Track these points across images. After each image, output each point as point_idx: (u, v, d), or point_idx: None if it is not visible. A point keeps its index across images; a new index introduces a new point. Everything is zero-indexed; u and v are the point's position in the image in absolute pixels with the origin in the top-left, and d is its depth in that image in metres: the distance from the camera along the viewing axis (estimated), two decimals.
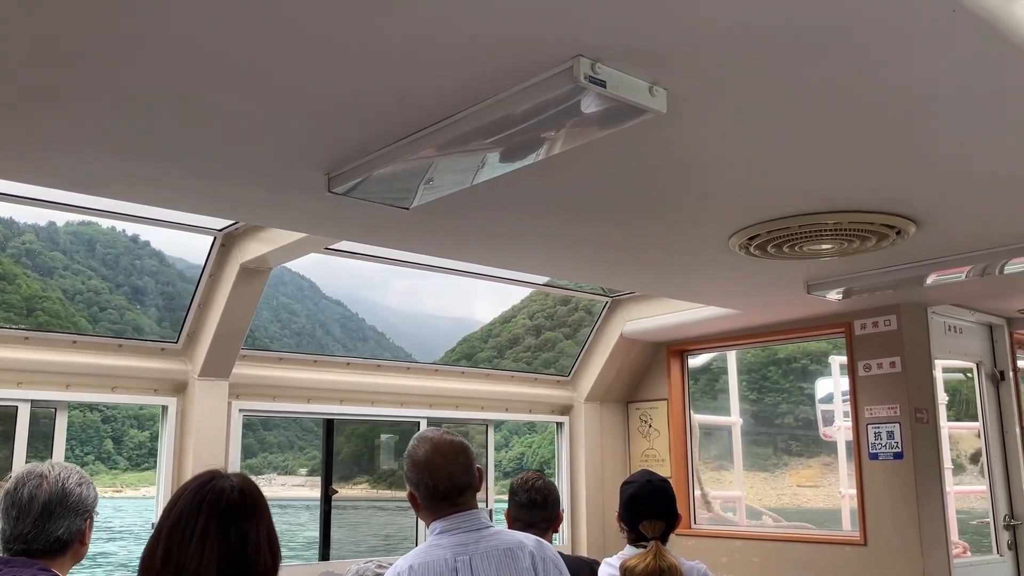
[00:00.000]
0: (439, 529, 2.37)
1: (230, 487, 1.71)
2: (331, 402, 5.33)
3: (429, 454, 2.40)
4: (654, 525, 2.97)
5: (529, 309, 23.04)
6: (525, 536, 2.45)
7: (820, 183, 3.06)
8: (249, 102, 2.30)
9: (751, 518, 7.11)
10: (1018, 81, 2.19)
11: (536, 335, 22.33)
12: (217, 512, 1.67)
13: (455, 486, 2.38)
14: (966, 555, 5.60)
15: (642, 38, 1.95)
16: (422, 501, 2.40)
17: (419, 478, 2.39)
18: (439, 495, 2.37)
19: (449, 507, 2.37)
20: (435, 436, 2.45)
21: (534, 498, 3.37)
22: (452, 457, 2.40)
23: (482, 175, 2.74)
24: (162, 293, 17.83)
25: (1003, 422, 5.84)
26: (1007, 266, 3.99)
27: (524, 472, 3.56)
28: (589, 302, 22.62)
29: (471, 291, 40.56)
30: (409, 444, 2.48)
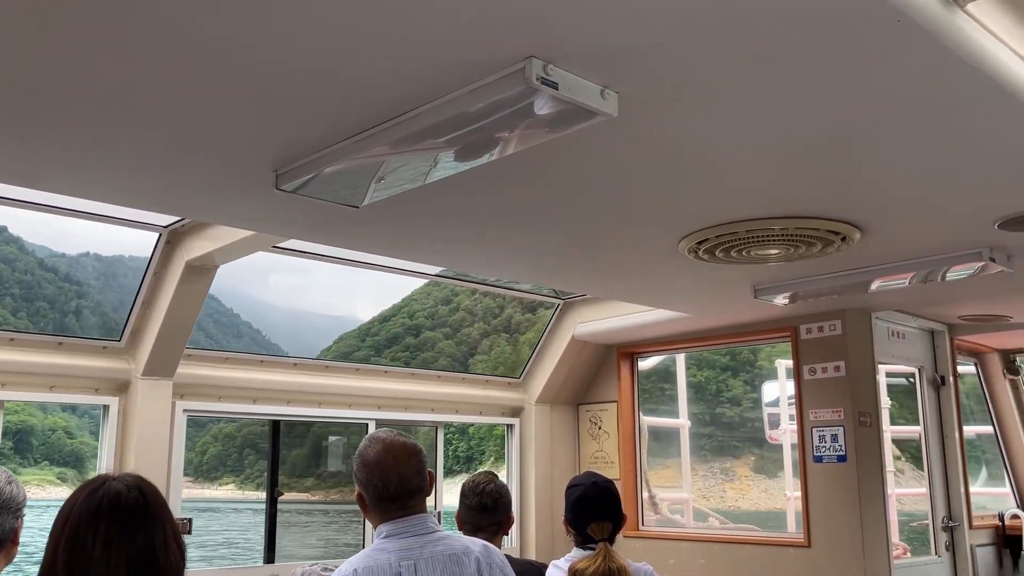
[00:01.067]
0: (385, 532, 2.34)
1: (126, 488, 1.64)
2: (278, 403, 5.26)
3: (380, 455, 2.36)
4: (602, 527, 2.97)
5: (409, 308, 23.04)
6: (472, 541, 2.44)
7: (767, 189, 3.10)
8: (196, 97, 2.26)
9: (697, 520, 7.17)
10: (960, 91, 2.23)
11: (416, 335, 22.31)
12: (119, 515, 1.60)
13: (405, 488, 2.35)
14: (906, 556, 5.72)
15: (594, 41, 1.95)
16: (370, 502, 2.37)
17: (368, 478, 2.36)
18: (388, 496, 2.34)
19: (397, 510, 2.34)
20: (387, 437, 2.42)
21: (484, 502, 3.33)
22: (404, 459, 2.37)
23: (434, 174, 2.72)
24: (19, 282, 17.25)
25: (943, 426, 5.97)
26: (948, 273, 4.08)
27: (476, 474, 3.52)
28: (472, 303, 22.52)
29: (354, 289, 40.31)
30: (360, 444, 2.44)
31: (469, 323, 24.24)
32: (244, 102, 2.29)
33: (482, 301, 25.09)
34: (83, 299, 16.36)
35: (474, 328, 23.97)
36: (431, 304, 21.98)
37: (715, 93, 2.25)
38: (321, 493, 21.52)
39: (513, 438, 6.58)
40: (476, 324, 23.71)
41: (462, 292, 24.27)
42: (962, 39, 1.98)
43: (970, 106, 2.33)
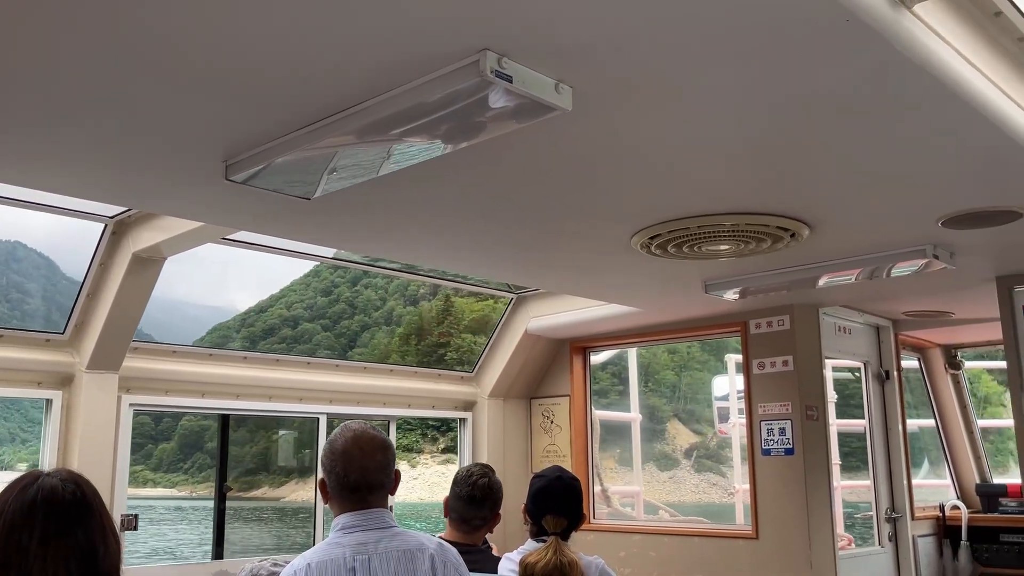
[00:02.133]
0: (341, 525, 2.32)
1: (61, 484, 1.61)
2: (227, 397, 5.19)
3: (348, 444, 2.34)
4: (557, 521, 2.98)
5: (287, 299, 22.99)
6: (427, 538, 2.42)
7: (719, 185, 3.13)
8: (144, 84, 2.21)
9: (648, 513, 7.24)
10: (907, 91, 2.28)
11: (293, 326, 22.28)
12: (55, 511, 1.58)
13: (365, 481, 2.33)
14: (850, 547, 5.84)
15: (548, 35, 1.96)
16: (331, 490, 2.35)
17: (332, 466, 2.33)
18: (347, 487, 2.32)
19: (356, 502, 2.32)
20: (358, 428, 2.40)
21: (474, 494, 3.30)
22: (370, 452, 2.35)
23: (387, 166, 2.70)
24: None
25: (887, 420, 6.10)
26: (894, 270, 4.16)
27: (472, 464, 3.49)
28: (352, 294, 22.30)
29: (232, 279, 39.83)
30: (333, 431, 2.43)
31: (349, 315, 24.24)
32: (194, 91, 2.25)
33: (363, 293, 25.11)
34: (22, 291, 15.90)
35: (354, 320, 23.99)
36: (310, 295, 21.87)
37: (668, 90, 2.27)
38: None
39: (466, 432, 6.57)
40: (356, 316, 23.78)
41: (342, 283, 24.22)
42: (909, 40, 2.02)
43: (916, 106, 2.38)
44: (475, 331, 24.11)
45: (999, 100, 2.45)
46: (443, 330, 24.17)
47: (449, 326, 24.49)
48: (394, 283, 24.15)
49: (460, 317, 24.80)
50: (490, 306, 30.59)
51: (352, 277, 25.01)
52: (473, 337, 23.64)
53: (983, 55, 2.37)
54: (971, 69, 2.29)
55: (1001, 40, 2.45)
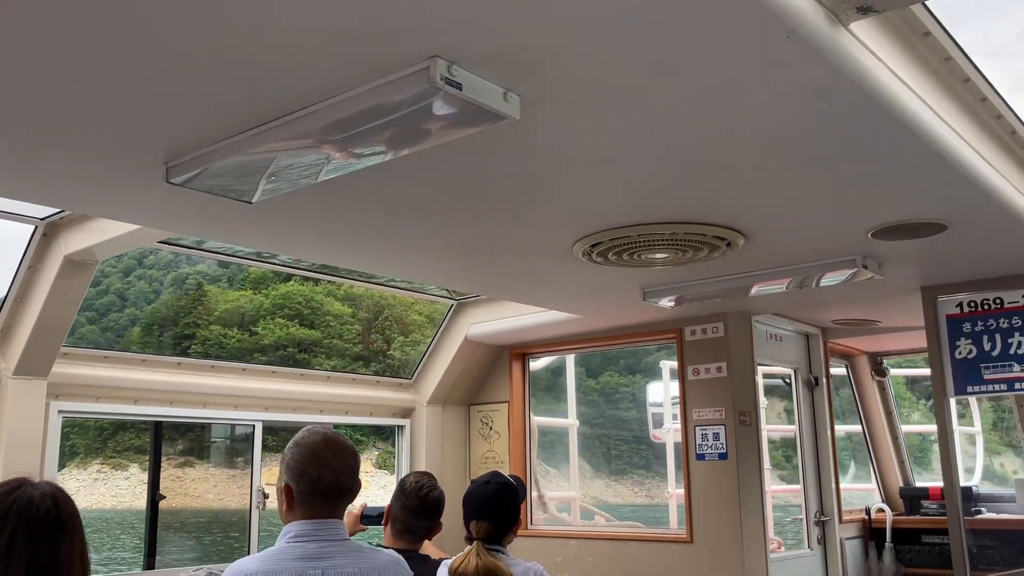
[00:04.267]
0: (294, 533, 2.24)
1: (40, 496, 1.58)
2: (160, 404, 5.08)
3: (320, 446, 2.29)
4: (479, 526, 2.98)
5: None
6: (387, 558, 2.37)
7: (659, 195, 3.19)
8: (81, 83, 2.17)
9: (584, 518, 7.30)
10: (840, 105, 2.36)
11: None
12: (26, 523, 1.55)
13: (338, 485, 2.28)
14: (780, 550, 5.97)
15: (497, 43, 1.98)
16: (299, 495, 2.26)
17: (304, 469, 2.26)
18: (320, 491, 2.25)
19: (323, 508, 2.26)
20: (328, 431, 2.35)
21: (425, 507, 3.29)
22: (342, 456, 2.31)
23: (328, 172, 2.69)
24: None
25: (816, 425, 6.27)
26: (824, 279, 4.28)
27: (418, 474, 3.47)
28: (124, 286, 22.08)
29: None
30: (296, 436, 2.35)
31: (119, 308, 23.92)
32: (134, 91, 2.21)
33: (136, 285, 24.72)
34: None
35: (124, 314, 23.64)
36: None
37: (611, 101, 2.31)
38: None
39: (404, 439, 6.54)
40: (127, 309, 23.47)
41: (113, 274, 23.86)
42: (845, 56, 2.10)
43: (849, 120, 2.47)
44: (227, 323, 23.89)
45: (927, 116, 2.55)
46: (191, 320, 23.88)
47: (198, 317, 24.23)
48: (170, 275, 23.69)
49: (212, 308, 24.51)
50: (247, 296, 28.76)
51: (125, 267, 24.58)
52: (223, 329, 23.44)
53: (912, 73, 2.47)
54: (901, 86, 2.39)
55: (929, 59, 2.56)
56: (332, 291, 25.51)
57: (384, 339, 25.59)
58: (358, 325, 25.82)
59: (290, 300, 25.37)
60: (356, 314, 25.87)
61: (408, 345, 25.42)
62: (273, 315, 25.19)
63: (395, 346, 25.45)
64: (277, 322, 25.01)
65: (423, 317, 26.20)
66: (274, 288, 25.64)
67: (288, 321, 25.08)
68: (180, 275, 24.76)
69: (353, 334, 25.56)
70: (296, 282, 25.16)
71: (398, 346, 25.36)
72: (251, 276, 25.14)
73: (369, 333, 25.72)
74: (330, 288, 25.23)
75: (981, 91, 2.83)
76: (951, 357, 4.61)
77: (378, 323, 25.89)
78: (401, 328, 25.84)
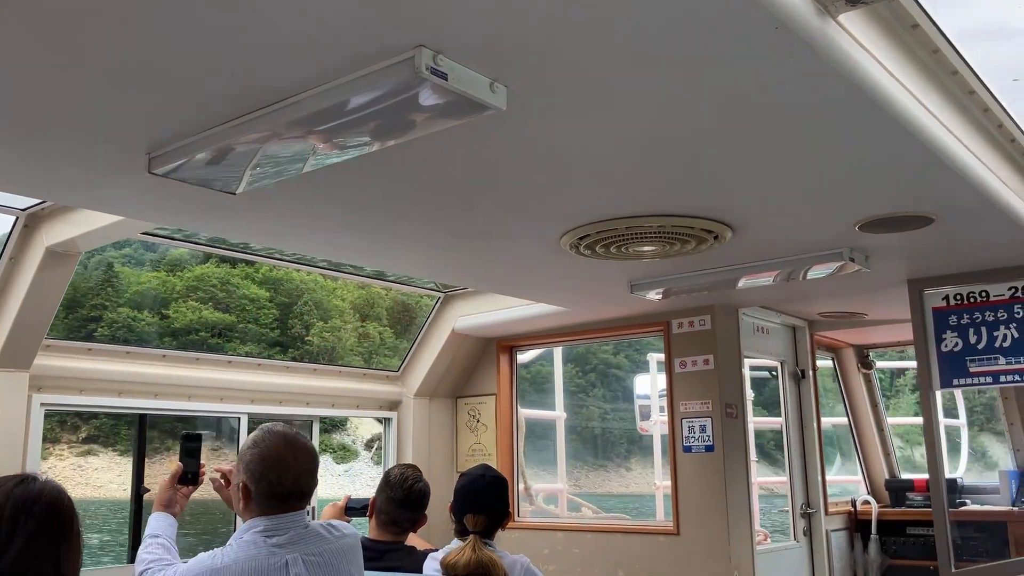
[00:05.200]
0: (261, 527, 2.25)
1: (39, 492, 1.59)
2: (145, 396, 5.05)
3: (281, 450, 2.29)
4: (476, 519, 2.98)
5: None
6: (349, 538, 2.42)
7: (646, 188, 3.18)
8: (63, 71, 2.13)
9: (571, 510, 7.31)
10: (828, 98, 2.35)
11: None
12: (27, 518, 1.55)
13: (298, 489, 2.29)
14: (767, 542, 5.99)
15: (483, 33, 1.96)
16: (257, 497, 2.28)
17: (263, 472, 2.26)
18: (279, 495, 2.27)
19: (281, 509, 2.28)
20: (288, 432, 2.34)
21: (410, 499, 3.30)
22: (303, 459, 2.32)
23: (315, 163, 2.66)
24: None
25: (803, 418, 6.29)
26: (810, 272, 4.29)
27: (403, 466, 3.47)
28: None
29: None
30: (255, 433, 2.35)
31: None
32: (116, 81, 2.18)
33: None
34: None
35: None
36: None
37: (599, 92, 2.29)
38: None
39: (391, 432, 6.53)
40: None
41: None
42: (833, 48, 2.08)
43: (837, 113, 2.46)
44: (137, 306, 23.39)
45: (915, 109, 2.55)
46: (99, 302, 23.08)
47: (107, 299, 23.41)
48: (94, 258, 23.17)
49: (122, 289, 23.87)
50: (160, 278, 27.79)
51: None
52: (132, 311, 22.88)
53: (901, 65, 2.46)
54: (889, 78, 2.38)
55: (918, 52, 2.55)
56: (250, 274, 24.63)
57: (303, 324, 24.82)
58: (276, 309, 24.92)
59: (204, 282, 24.41)
60: (274, 298, 24.95)
61: (328, 331, 24.66)
62: (186, 298, 24.22)
63: (314, 332, 24.73)
64: (190, 305, 24.04)
65: (345, 303, 25.73)
66: (189, 270, 24.62)
67: (201, 304, 24.11)
68: (104, 259, 23.87)
69: (270, 319, 24.63)
70: (212, 263, 24.17)
71: (317, 332, 24.67)
72: (167, 258, 24.41)
73: (287, 318, 24.92)
74: (247, 271, 24.28)
75: (969, 84, 2.82)
76: (937, 350, 4.63)
77: (297, 308, 25.08)
78: (321, 313, 25.07)
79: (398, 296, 25.45)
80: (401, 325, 25.11)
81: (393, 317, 25.76)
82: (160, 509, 2.66)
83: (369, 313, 26.02)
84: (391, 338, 25.15)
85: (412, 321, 25.11)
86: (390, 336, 25.34)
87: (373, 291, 25.60)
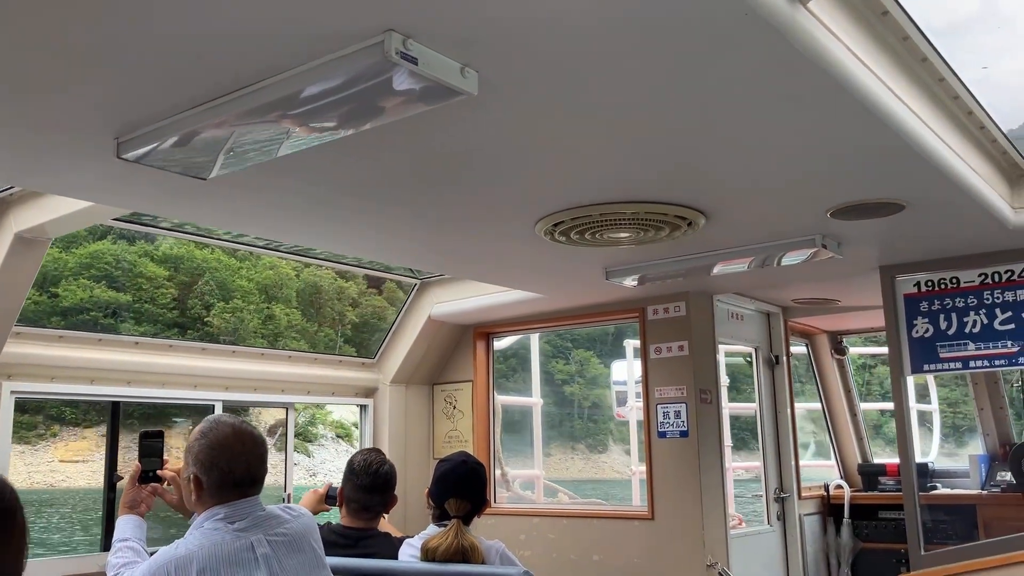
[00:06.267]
0: (222, 515, 2.29)
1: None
2: (118, 384, 5.01)
3: (230, 439, 2.33)
4: (460, 504, 3.01)
5: None
6: (306, 516, 2.47)
7: (620, 174, 3.18)
8: (25, 52, 2.10)
9: (547, 496, 7.34)
10: (799, 85, 2.36)
11: None
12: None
13: (250, 476, 2.34)
14: (741, 526, 6.05)
15: (454, 18, 1.94)
16: (209, 487, 2.32)
17: (213, 461, 2.30)
18: (232, 483, 2.31)
19: (235, 496, 2.32)
20: (235, 422, 2.39)
21: (376, 483, 3.32)
22: (251, 447, 2.36)
23: (286, 148, 2.64)
24: None
25: (776, 403, 6.34)
26: (784, 258, 4.31)
27: (365, 451, 3.48)
28: None
29: None
30: (202, 425, 2.38)
31: None
32: (81, 63, 2.15)
33: None
34: None
35: None
36: None
37: (571, 78, 2.28)
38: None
39: (367, 419, 6.52)
40: None
41: None
42: (803, 35, 2.09)
43: (808, 100, 2.47)
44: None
45: (885, 96, 2.56)
46: None
47: None
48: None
49: None
50: (51, 255, 27.55)
51: None
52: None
53: (871, 52, 2.47)
54: (860, 65, 2.39)
55: (888, 38, 2.56)
56: (149, 251, 23.79)
57: (203, 305, 24.03)
58: (175, 289, 23.99)
59: (99, 260, 23.42)
60: (174, 277, 24.01)
61: (229, 312, 23.87)
62: (78, 276, 23.23)
63: (215, 312, 23.99)
64: (81, 283, 23.06)
65: (252, 284, 24.93)
66: (83, 247, 23.61)
67: (94, 283, 23.16)
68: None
69: (168, 299, 23.73)
70: (109, 240, 23.22)
71: (218, 312, 23.94)
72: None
73: (188, 298, 24.05)
74: (146, 248, 23.38)
75: (939, 71, 2.85)
76: (908, 336, 4.68)
77: (198, 287, 24.26)
78: (223, 294, 24.30)
79: (309, 278, 24.89)
80: (313, 308, 24.58)
81: (303, 299, 25.18)
82: (125, 511, 2.68)
83: (277, 295, 25.31)
84: (299, 320, 24.59)
85: (324, 304, 24.65)
86: (298, 318, 24.75)
87: (282, 271, 25.01)
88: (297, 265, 23.80)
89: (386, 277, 6.43)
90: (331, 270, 23.69)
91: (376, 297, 23.71)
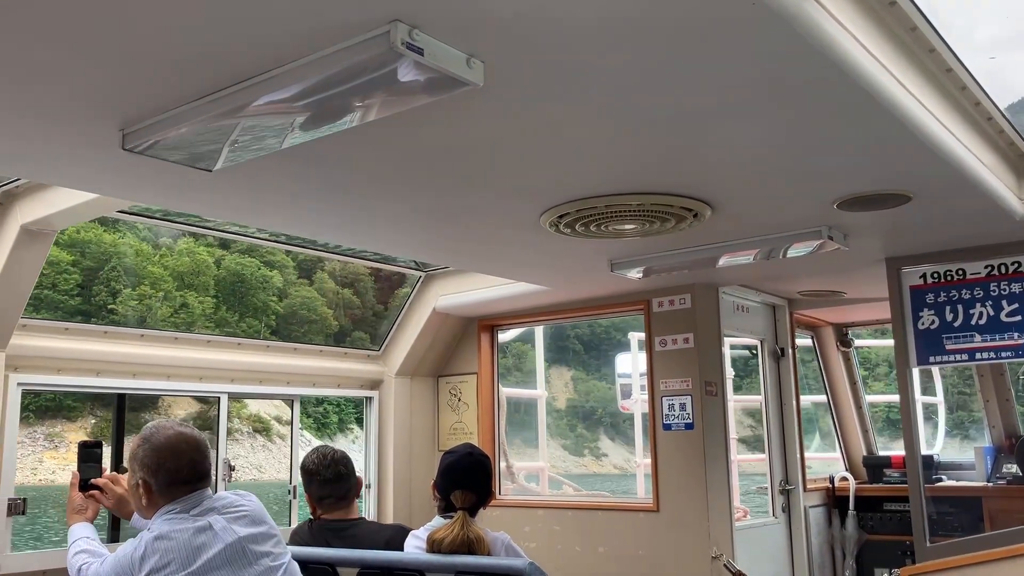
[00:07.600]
0: (178, 508, 2.42)
1: None
2: (123, 376, 5.02)
3: (172, 440, 2.48)
4: (465, 496, 3.01)
5: None
6: (251, 496, 2.59)
7: (625, 165, 3.17)
8: (34, 44, 2.10)
9: (553, 488, 7.35)
10: (806, 75, 2.35)
11: None
12: None
13: (197, 472, 2.48)
14: (746, 518, 6.05)
15: (460, 8, 1.94)
16: (159, 488, 2.45)
17: (160, 463, 2.45)
18: (180, 480, 2.45)
19: (185, 493, 2.46)
20: (174, 424, 2.55)
21: (339, 471, 3.41)
22: (194, 445, 2.51)
23: (292, 139, 2.64)
24: None
25: (782, 395, 6.33)
26: (790, 250, 4.30)
27: (313, 450, 3.55)
28: None
29: None
30: (142, 432, 2.53)
31: None
32: (89, 53, 2.15)
33: None
34: None
35: None
36: None
37: (577, 68, 2.28)
38: None
39: (372, 411, 6.53)
40: None
41: None
42: (811, 25, 2.08)
43: (815, 90, 2.45)
44: None
45: (893, 87, 2.55)
46: None
47: None
48: None
49: None
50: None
51: None
52: None
53: (878, 42, 2.46)
54: (867, 56, 2.38)
55: (895, 29, 2.55)
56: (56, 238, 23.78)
57: (109, 292, 23.28)
58: (79, 274, 22.84)
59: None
60: (79, 262, 22.85)
61: (136, 299, 23.42)
62: None
63: (121, 299, 23.42)
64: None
65: (166, 271, 24.28)
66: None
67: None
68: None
69: (71, 284, 22.49)
70: None
71: (124, 299, 23.42)
72: None
73: (92, 284, 23.09)
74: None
75: (946, 62, 2.83)
76: (914, 327, 4.66)
77: (104, 273, 23.42)
78: (132, 280, 23.71)
79: (231, 266, 24.63)
80: (235, 297, 24.21)
81: (224, 288, 24.68)
82: (73, 518, 2.85)
83: (194, 283, 24.74)
84: (212, 309, 24.19)
85: (246, 293, 24.40)
86: (211, 307, 24.35)
87: (199, 258, 24.61)
88: (218, 253, 23.67)
89: (389, 268, 6.42)
90: (255, 259, 23.43)
91: (305, 287, 23.57)
